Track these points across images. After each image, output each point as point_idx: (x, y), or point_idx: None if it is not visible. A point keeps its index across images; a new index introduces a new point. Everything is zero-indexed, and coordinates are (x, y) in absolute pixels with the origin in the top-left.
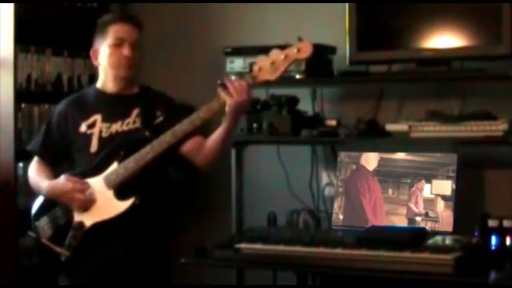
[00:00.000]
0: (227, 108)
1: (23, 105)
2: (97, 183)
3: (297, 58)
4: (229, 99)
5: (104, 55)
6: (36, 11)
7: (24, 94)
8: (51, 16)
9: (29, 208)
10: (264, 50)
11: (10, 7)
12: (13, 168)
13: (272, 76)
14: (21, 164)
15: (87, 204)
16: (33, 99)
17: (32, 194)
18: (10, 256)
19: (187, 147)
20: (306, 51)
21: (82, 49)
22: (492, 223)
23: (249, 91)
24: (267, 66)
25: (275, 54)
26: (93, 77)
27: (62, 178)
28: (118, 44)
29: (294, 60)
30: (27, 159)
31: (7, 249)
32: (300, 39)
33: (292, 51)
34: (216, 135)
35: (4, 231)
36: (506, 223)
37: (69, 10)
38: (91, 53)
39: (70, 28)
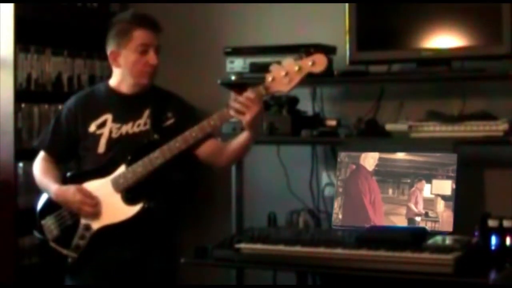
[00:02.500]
0: (243, 123)
1: (23, 105)
2: (104, 185)
3: (312, 71)
4: (243, 118)
5: (128, 61)
6: (36, 11)
7: (24, 94)
8: (51, 16)
9: (30, 207)
10: (264, 50)
11: (10, 7)
12: (13, 168)
13: (285, 88)
14: (21, 164)
15: (95, 214)
16: (33, 99)
17: (32, 193)
18: (10, 256)
19: (205, 150)
20: (321, 64)
21: (82, 49)
22: (492, 223)
23: (260, 100)
24: (281, 77)
25: (289, 65)
26: (93, 77)
27: (71, 187)
28: (143, 51)
29: (308, 72)
30: (27, 159)
31: (7, 249)
32: (309, 51)
33: (307, 63)
34: (239, 142)
35: (4, 231)
36: (506, 223)
37: (69, 10)
38: (109, 54)
39: (70, 28)
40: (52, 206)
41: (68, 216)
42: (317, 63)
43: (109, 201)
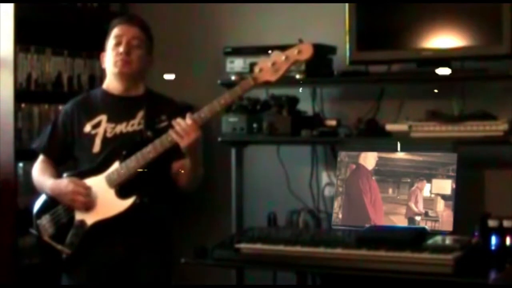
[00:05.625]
0: (181, 147)
1: (23, 105)
2: (98, 182)
3: (298, 59)
4: (180, 141)
5: (107, 56)
6: (36, 11)
7: (24, 94)
8: (51, 16)
9: (30, 207)
10: (264, 50)
11: (10, 7)
12: (13, 168)
13: (272, 77)
14: (21, 164)
15: (88, 206)
16: (33, 99)
17: (32, 193)
18: (10, 256)
19: (174, 167)
20: (307, 52)
21: (82, 49)
22: (492, 223)
23: (198, 129)
24: (268, 67)
25: (276, 55)
26: (93, 77)
27: (65, 179)
28: (117, 43)
29: (295, 61)
30: (27, 159)
31: (7, 249)
32: (300, 41)
33: (293, 52)
34: (185, 168)
35: (4, 231)
36: (506, 223)
37: (69, 10)
38: (100, 56)
39: (70, 28)
40: (48, 205)
41: (63, 213)
42: (303, 51)
43: (103, 197)
